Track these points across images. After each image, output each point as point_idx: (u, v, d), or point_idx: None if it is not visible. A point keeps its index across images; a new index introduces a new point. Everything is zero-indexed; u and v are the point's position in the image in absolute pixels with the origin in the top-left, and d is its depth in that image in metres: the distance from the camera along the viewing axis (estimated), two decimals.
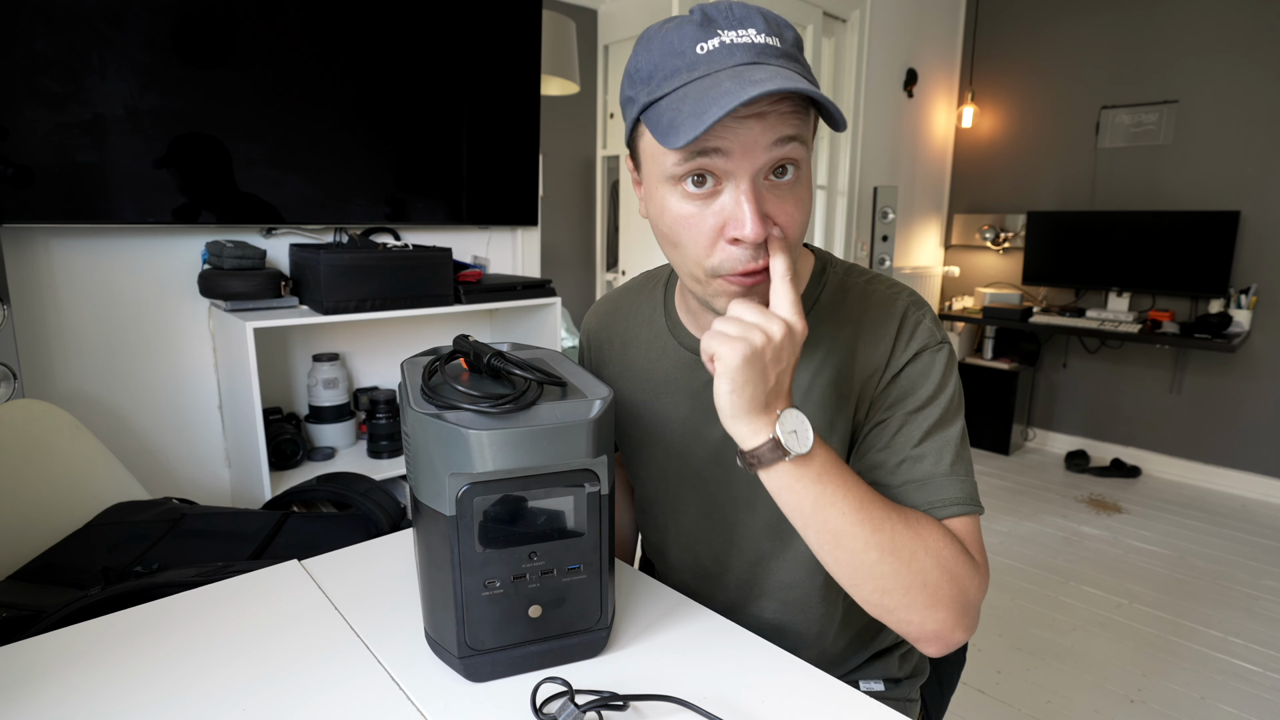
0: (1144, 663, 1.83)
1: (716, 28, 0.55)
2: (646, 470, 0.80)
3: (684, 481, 0.76)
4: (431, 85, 1.75)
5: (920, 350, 0.66)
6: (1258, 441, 2.92)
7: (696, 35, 0.55)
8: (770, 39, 0.55)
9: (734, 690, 0.57)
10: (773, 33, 0.55)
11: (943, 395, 0.65)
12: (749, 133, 0.53)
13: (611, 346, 0.83)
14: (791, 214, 0.58)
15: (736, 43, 0.55)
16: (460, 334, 0.66)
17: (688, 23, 0.56)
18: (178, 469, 1.60)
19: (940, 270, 3.74)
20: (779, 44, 0.55)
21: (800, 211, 0.58)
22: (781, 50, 0.55)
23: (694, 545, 0.78)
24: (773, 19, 0.56)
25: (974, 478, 0.66)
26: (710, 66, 0.54)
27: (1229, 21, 2.81)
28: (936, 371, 0.66)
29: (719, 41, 0.55)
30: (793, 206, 0.58)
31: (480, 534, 0.54)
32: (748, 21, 0.55)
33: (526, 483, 0.53)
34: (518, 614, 0.57)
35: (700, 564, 0.78)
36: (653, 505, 0.82)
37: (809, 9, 2.66)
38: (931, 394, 0.65)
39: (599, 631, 0.60)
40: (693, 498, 0.76)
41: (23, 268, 1.36)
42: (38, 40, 1.25)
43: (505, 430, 0.52)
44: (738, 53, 0.55)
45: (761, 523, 0.73)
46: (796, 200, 0.58)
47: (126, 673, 0.58)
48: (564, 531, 0.56)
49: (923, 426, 0.64)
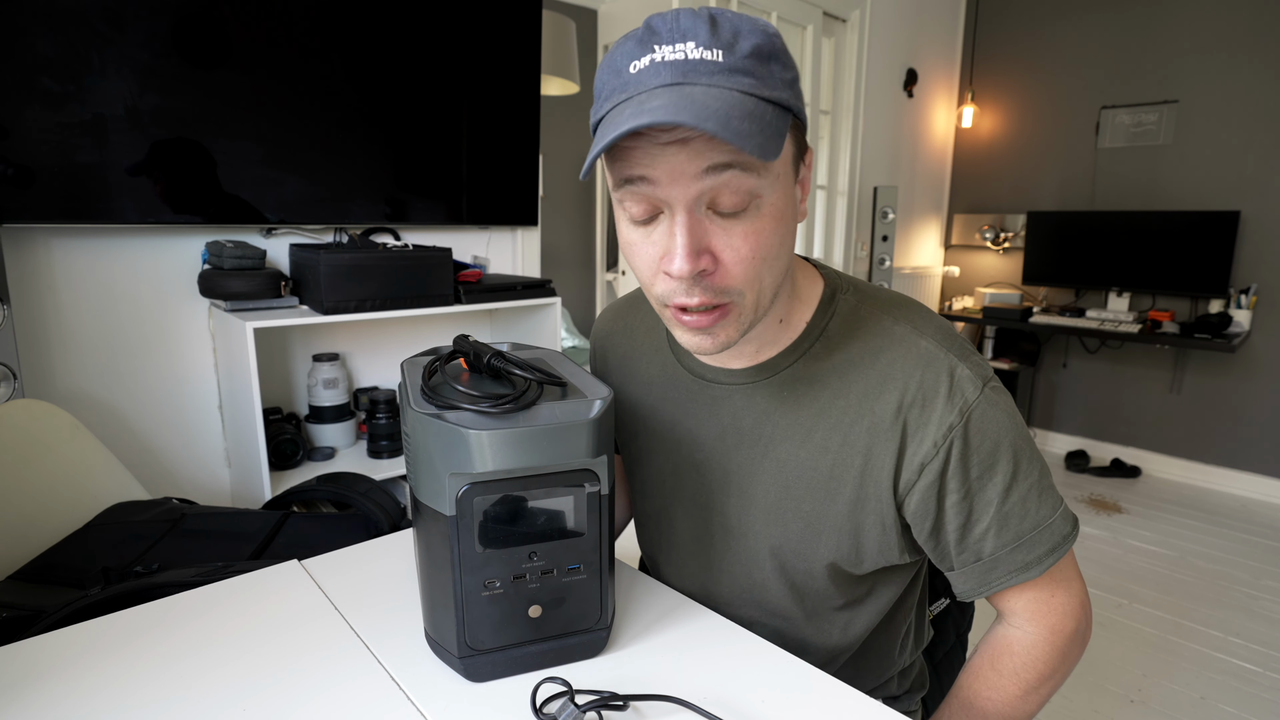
0: (1144, 663, 1.83)
1: (655, 42, 0.51)
2: (643, 485, 0.77)
3: (676, 501, 0.74)
4: (431, 85, 1.75)
5: (969, 407, 0.59)
6: (1258, 441, 2.92)
7: (634, 52, 0.52)
8: (710, 52, 0.50)
9: (734, 690, 0.57)
10: (718, 44, 0.50)
11: (1006, 451, 0.59)
12: (673, 160, 0.50)
13: (616, 354, 0.80)
14: (738, 249, 0.53)
15: (666, 60, 0.50)
16: (460, 334, 0.66)
17: (632, 38, 0.52)
18: (178, 469, 1.60)
19: (940, 270, 3.74)
20: (721, 58, 0.50)
21: (750, 246, 0.53)
22: (722, 65, 0.50)
23: (687, 565, 0.75)
24: (728, 27, 0.51)
25: (1056, 498, 0.62)
26: (636, 88, 0.51)
27: (1229, 21, 2.81)
28: (993, 424, 0.59)
29: (650, 59, 0.51)
30: (740, 240, 0.52)
31: (480, 534, 0.53)
32: (689, 33, 0.50)
33: (526, 483, 0.53)
34: (518, 614, 0.56)
35: (694, 586, 0.75)
36: (648, 520, 0.79)
37: (809, 9, 2.66)
38: (994, 456, 0.59)
39: (599, 631, 0.60)
40: (685, 522, 0.73)
41: (23, 268, 1.36)
42: (38, 40, 1.25)
43: (505, 430, 0.52)
44: (663, 72, 0.50)
45: (752, 553, 0.69)
46: (747, 234, 0.52)
47: (126, 673, 0.58)
48: (564, 531, 0.56)
49: (994, 499, 0.60)
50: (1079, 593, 0.66)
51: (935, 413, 0.59)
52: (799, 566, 0.67)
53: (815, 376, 0.63)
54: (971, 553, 0.62)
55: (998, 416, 0.59)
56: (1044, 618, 0.65)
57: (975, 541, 0.62)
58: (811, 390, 0.63)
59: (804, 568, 0.67)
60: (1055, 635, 0.65)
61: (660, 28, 0.51)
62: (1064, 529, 0.62)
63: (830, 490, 0.63)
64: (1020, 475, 0.60)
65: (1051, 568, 0.61)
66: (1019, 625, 0.66)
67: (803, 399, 0.64)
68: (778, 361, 0.65)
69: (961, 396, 0.59)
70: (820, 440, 0.63)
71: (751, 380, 0.66)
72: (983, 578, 0.63)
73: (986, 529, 0.61)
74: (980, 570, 0.63)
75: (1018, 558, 0.61)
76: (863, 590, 0.70)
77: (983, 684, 0.68)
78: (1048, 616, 0.65)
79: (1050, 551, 0.61)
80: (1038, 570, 0.61)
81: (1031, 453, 0.61)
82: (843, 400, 0.62)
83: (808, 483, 0.64)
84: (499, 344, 0.68)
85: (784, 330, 0.64)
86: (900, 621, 0.77)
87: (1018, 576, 0.61)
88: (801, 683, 0.59)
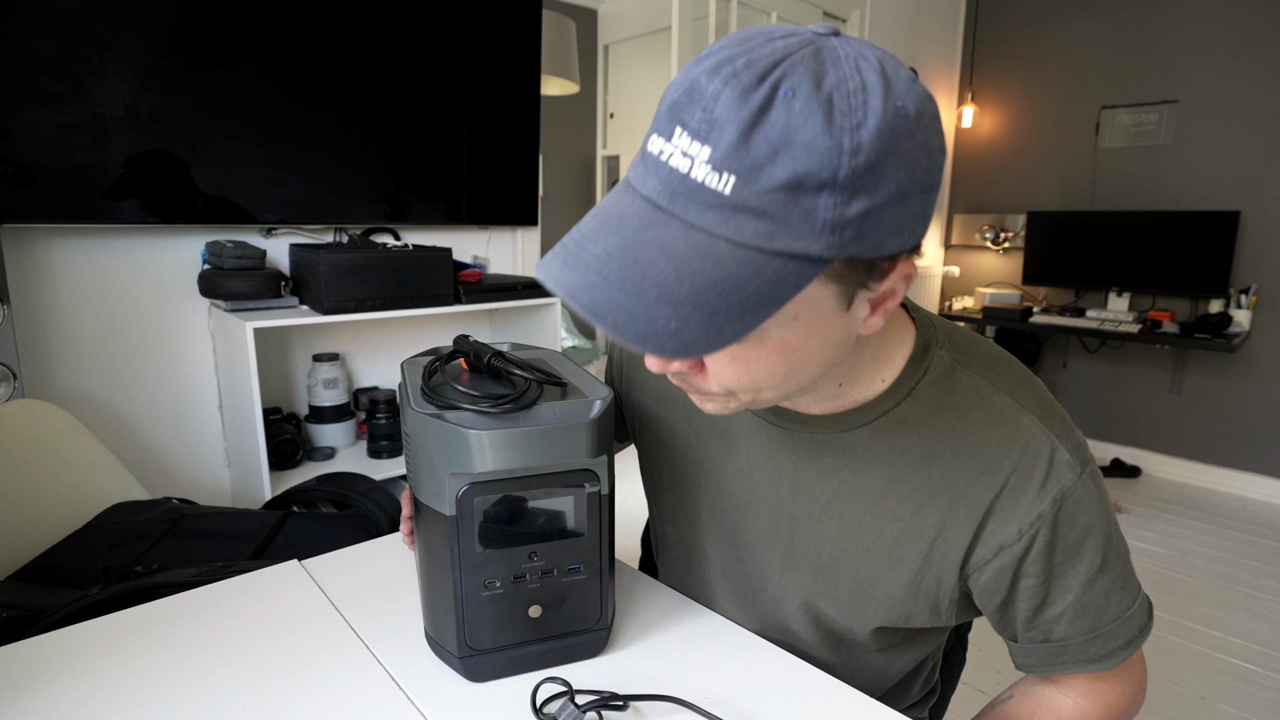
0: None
1: (679, 119, 0.38)
2: (674, 511, 0.72)
3: (712, 536, 0.68)
4: (431, 85, 1.75)
5: (1064, 495, 0.52)
6: (1258, 441, 2.92)
7: (659, 122, 0.40)
8: (718, 176, 0.37)
9: (734, 690, 0.57)
10: (738, 164, 0.36)
11: (1096, 540, 0.54)
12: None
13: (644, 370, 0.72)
14: (724, 369, 0.46)
15: (666, 163, 0.39)
16: (460, 334, 0.66)
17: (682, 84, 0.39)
18: (178, 469, 1.60)
19: (940, 270, 3.74)
20: (728, 189, 0.37)
21: (736, 372, 0.46)
22: (725, 200, 0.37)
23: (714, 598, 0.70)
24: (772, 128, 0.36)
25: (1136, 587, 0.57)
26: (628, 181, 0.42)
27: (1229, 21, 2.81)
28: (1085, 513, 0.53)
29: (660, 148, 0.39)
30: (726, 362, 0.45)
31: (480, 534, 0.53)
32: (710, 126, 0.37)
33: (526, 483, 0.53)
34: (518, 614, 0.56)
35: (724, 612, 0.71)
36: (673, 546, 0.74)
37: (809, 9, 2.66)
38: (1080, 544, 0.53)
39: (599, 631, 0.60)
40: (719, 558, 0.68)
41: (23, 268, 1.36)
42: (38, 40, 1.25)
43: (505, 430, 0.52)
44: (649, 182, 0.40)
45: (791, 605, 0.64)
46: (735, 359, 0.45)
47: (126, 673, 0.58)
48: (564, 531, 0.56)
49: (1074, 587, 0.54)
50: (1139, 676, 0.62)
51: (1027, 498, 0.53)
52: (841, 624, 0.63)
53: (897, 439, 0.56)
54: (1040, 632, 0.57)
55: (1090, 505, 0.54)
56: (1103, 697, 0.61)
57: (1046, 623, 0.57)
58: (891, 454, 0.56)
59: (846, 625, 0.63)
60: (1109, 713, 0.61)
61: (694, 98, 0.38)
62: (1141, 620, 0.57)
63: (892, 559, 0.58)
64: (1106, 566, 0.55)
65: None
66: (1074, 698, 0.62)
67: (879, 460, 0.57)
68: (857, 415, 0.57)
69: (1058, 484, 0.52)
70: (892, 507, 0.57)
71: (822, 430, 0.58)
72: (1049, 659, 0.58)
73: (1061, 614, 0.56)
74: (1048, 652, 0.58)
75: (1091, 649, 0.56)
76: (904, 639, 0.66)
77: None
78: (1107, 696, 0.61)
79: (1126, 645, 0.56)
80: (1111, 663, 0.56)
81: (1119, 541, 0.56)
82: (924, 470, 0.55)
83: (868, 547, 0.58)
84: (499, 344, 0.68)
85: (862, 389, 0.56)
86: (931, 657, 0.75)
87: (1089, 667, 0.57)
88: (802, 683, 0.59)
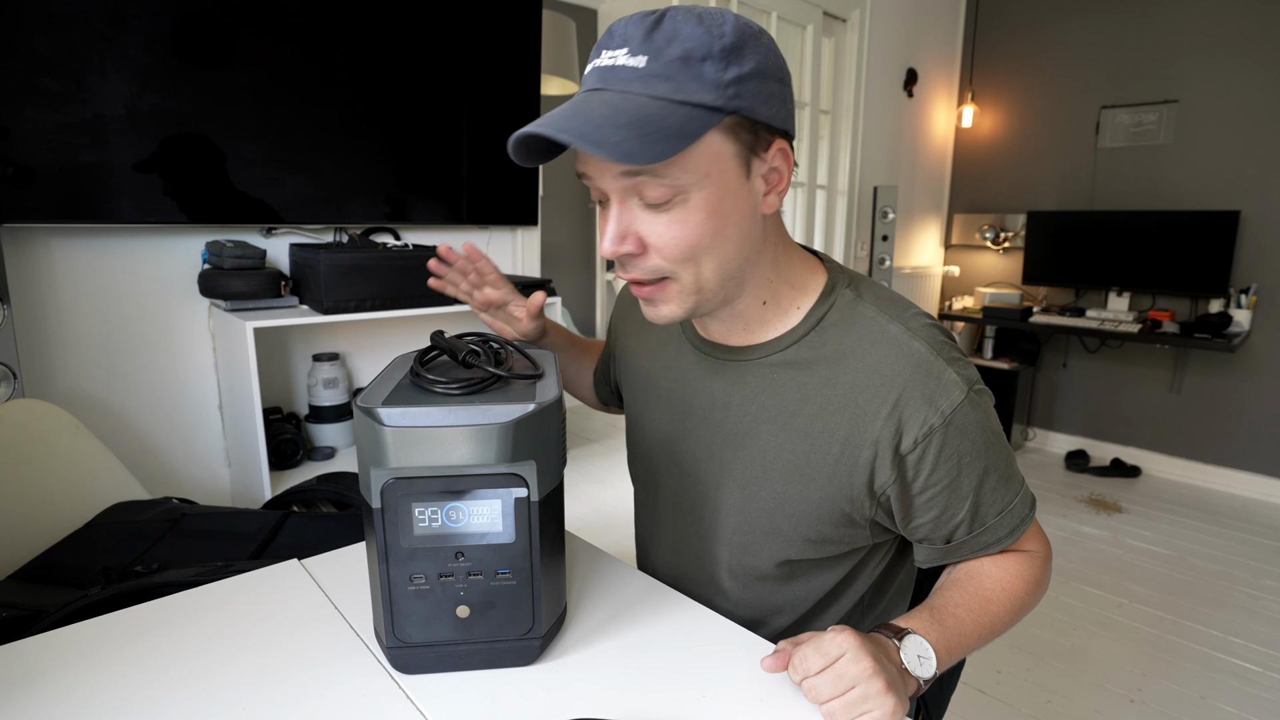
0: (1144, 663, 1.83)
1: (603, 47, 0.56)
2: (638, 448, 0.81)
3: (664, 466, 0.77)
4: (432, 85, 1.75)
5: (953, 409, 0.60)
6: (1258, 441, 2.92)
7: (591, 58, 0.57)
8: (635, 59, 0.53)
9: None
10: (647, 50, 0.53)
11: (981, 451, 0.62)
12: (596, 160, 0.56)
13: (634, 319, 0.84)
14: (662, 236, 0.57)
15: (597, 67, 0.55)
16: (436, 330, 0.67)
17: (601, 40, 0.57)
18: (178, 469, 1.60)
19: (940, 270, 3.74)
20: (643, 64, 0.53)
21: (674, 235, 0.57)
22: (640, 71, 0.53)
23: (666, 529, 0.79)
24: (667, 30, 0.53)
25: (1018, 484, 0.66)
26: (580, 90, 0.57)
27: (1229, 21, 2.80)
28: (973, 426, 0.61)
29: (592, 65, 0.56)
30: (664, 229, 0.57)
31: (403, 529, 0.54)
32: (628, 38, 0.54)
33: (448, 482, 0.54)
34: (445, 612, 0.56)
35: (670, 551, 0.79)
36: (638, 483, 0.83)
37: (809, 9, 2.66)
38: (970, 455, 0.61)
39: (530, 640, 0.59)
40: (670, 484, 0.77)
41: (23, 268, 1.36)
42: (38, 40, 1.25)
43: (420, 429, 0.52)
44: (590, 78, 0.56)
45: (724, 526, 0.71)
46: (671, 224, 0.57)
47: (126, 673, 0.58)
48: (491, 535, 0.55)
49: (967, 494, 0.63)
50: (1040, 546, 0.70)
51: (920, 412, 0.60)
52: (765, 545, 0.70)
53: (805, 364, 0.65)
54: (940, 537, 0.66)
55: (977, 419, 0.62)
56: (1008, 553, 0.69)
57: (947, 530, 0.65)
58: (800, 376, 0.65)
59: (770, 545, 0.70)
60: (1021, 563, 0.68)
61: (613, 32, 0.55)
62: (1023, 512, 0.66)
63: (804, 476, 0.65)
64: (990, 469, 0.63)
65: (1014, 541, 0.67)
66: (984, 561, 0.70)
67: (790, 384, 0.65)
68: (771, 344, 0.67)
69: (947, 399, 0.60)
70: (802, 425, 0.64)
71: (744, 358, 0.68)
72: (945, 556, 0.67)
73: (960, 523, 0.64)
74: (944, 551, 0.67)
75: (981, 540, 0.66)
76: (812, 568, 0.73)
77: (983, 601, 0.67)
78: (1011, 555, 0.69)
79: (1010, 534, 0.66)
80: (997, 549, 0.66)
81: (1001, 447, 0.65)
82: (829, 390, 0.63)
83: (784, 466, 0.66)
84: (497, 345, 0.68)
85: (780, 315, 0.66)
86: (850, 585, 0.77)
87: (980, 553, 0.67)
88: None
